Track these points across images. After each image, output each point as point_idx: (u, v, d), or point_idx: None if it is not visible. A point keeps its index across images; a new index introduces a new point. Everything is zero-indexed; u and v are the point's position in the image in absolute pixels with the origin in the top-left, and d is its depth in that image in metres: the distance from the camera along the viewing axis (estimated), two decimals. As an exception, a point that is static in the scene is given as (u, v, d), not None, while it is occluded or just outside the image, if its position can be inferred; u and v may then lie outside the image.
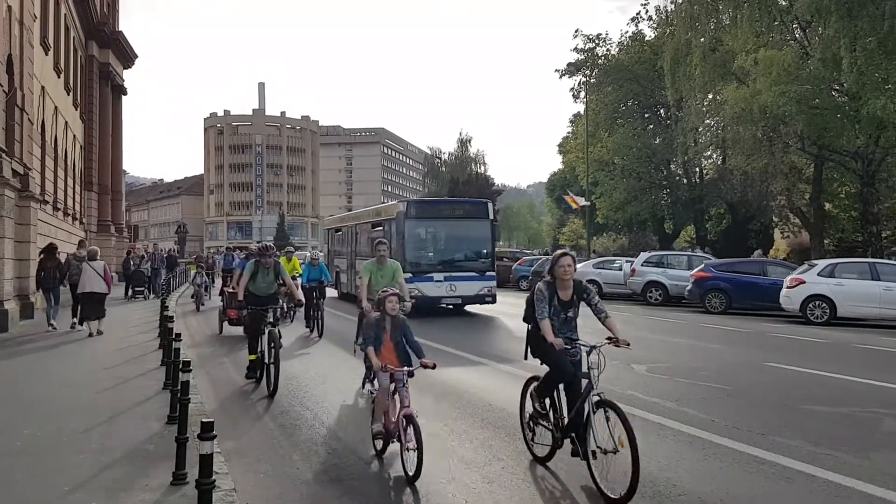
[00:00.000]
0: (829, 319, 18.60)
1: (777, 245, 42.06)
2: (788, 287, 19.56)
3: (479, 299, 20.40)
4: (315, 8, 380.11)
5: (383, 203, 35.06)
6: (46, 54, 25.24)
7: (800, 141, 27.89)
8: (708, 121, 36.63)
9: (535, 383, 6.37)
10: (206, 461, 4.06)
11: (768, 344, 14.87)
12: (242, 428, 7.76)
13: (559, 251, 6.37)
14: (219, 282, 25.23)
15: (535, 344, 6.13)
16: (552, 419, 6.06)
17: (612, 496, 5.21)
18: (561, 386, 6.07)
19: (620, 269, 28.64)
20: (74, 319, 16.14)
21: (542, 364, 6.18)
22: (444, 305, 19.82)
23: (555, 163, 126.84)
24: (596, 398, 5.48)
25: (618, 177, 41.99)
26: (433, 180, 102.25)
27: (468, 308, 20.87)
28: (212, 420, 4.14)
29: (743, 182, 32.59)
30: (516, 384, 7.44)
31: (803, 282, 19.29)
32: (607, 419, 5.36)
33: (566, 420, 5.92)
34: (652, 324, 18.66)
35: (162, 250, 34.27)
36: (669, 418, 7.80)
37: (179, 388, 6.32)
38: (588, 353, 5.71)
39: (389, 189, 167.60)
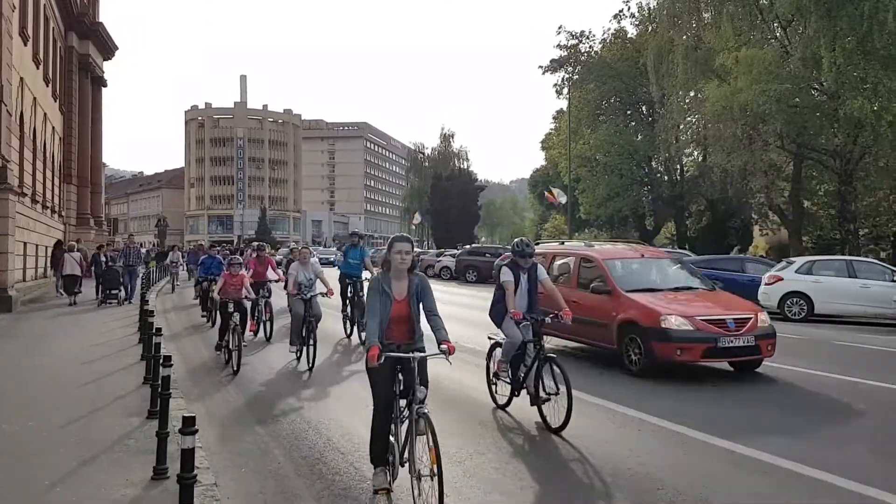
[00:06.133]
0: (806, 316, 18.80)
1: (756, 242, 42.52)
2: (767, 284, 19.75)
3: None
4: (297, 1, 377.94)
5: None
6: (25, 45, 24.94)
7: (779, 139, 28.17)
8: (689, 118, 36.90)
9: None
10: (187, 456, 4.06)
11: (747, 340, 15.02)
12: (223, 422, 7.75)
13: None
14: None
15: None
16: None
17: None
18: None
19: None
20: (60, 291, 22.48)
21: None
22: None
23: (537, 159, 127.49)
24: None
25: (600, 173, 42.22)
26: (416, 175, 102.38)
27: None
28: (193, 415, 4.15)
29: (723, 179, 32.87)
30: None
31: (781, 279, 19.49)
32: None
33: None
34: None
35: (140, 244, 33.19)
36: (649, 413, 7.88)
37: (160, 382, 6.31)
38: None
39: (372, 184, 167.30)
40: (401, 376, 5.29)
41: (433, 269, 40.53)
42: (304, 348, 10.95)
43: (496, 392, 8.23)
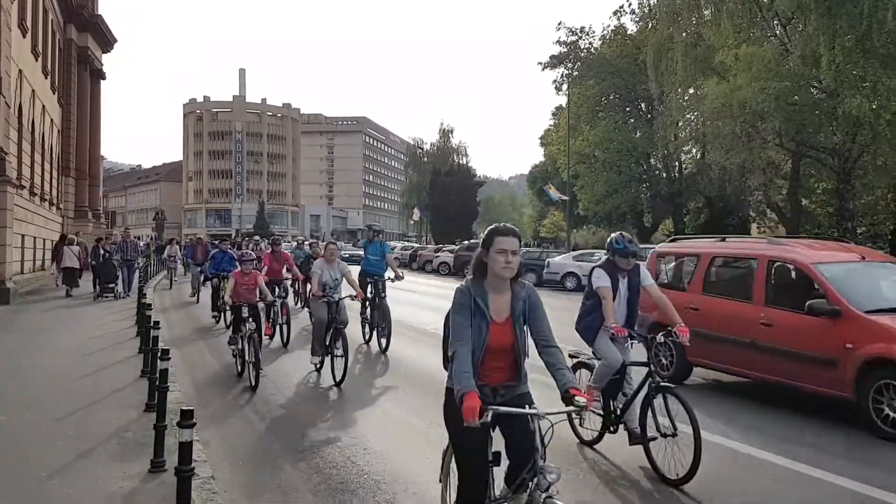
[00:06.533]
0: (804, 313, 18.74)
1: (754, 240, 42.48)
2: (764, 281, 19.71)
3: None
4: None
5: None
6: (24, 37, 24.87)
7: (778, 137, 28.15)
8: (688, 115, 36.84)
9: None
10: (185, 448, 4.07)
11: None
12: (221, 416, 7.76)
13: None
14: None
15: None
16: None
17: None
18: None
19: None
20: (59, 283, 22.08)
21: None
22: None
23: (536, 155, 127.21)
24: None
25: (598, 170, 42.18)
26: (415, 171, 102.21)
27: None
28: (191, 408, 4.15)
29: (721, 177, 32.87)
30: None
31: (779, 276, 19.47)
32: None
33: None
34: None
35: (138, 238, 32.88)
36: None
37: (158, 375, 6.31)
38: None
39: (371, 179, 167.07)
40: (494, 432, 3.65)
41: (431, 264, 40.65)
42: (330, 359, 9.50)
43: (581, 425, 6.49)
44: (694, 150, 41.60)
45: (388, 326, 11.87)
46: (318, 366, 9.86)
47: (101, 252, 21.34)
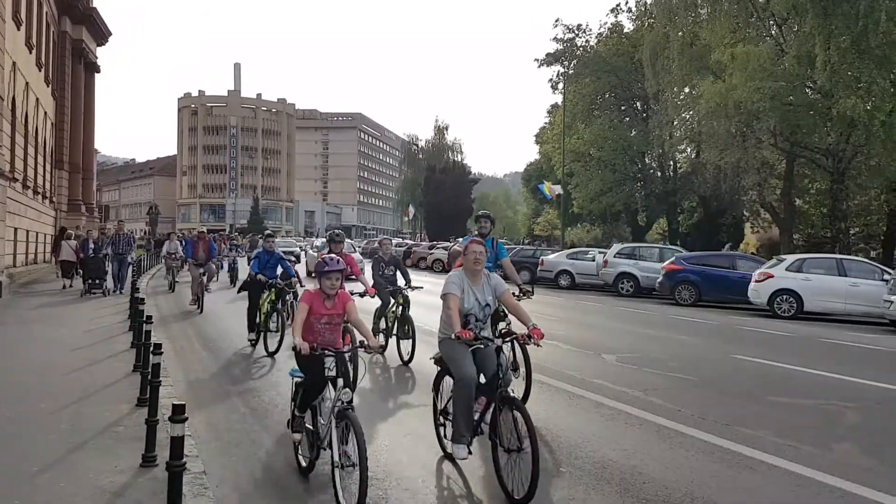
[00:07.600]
0: (795, 314, 18.91)
1: (747, 239, 42.68)
2: (757, 281, 19.86)
3: None
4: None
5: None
6: (18, 29, 24.75)
7: (772, 137, 28.24)
8: (683, 114, 36.96)
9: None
10: (176, 443, 4.06)
11: (736, 336, 15.11)
12: (212, 411, 7.74)
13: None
14: None
15: None
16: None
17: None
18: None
19: (593, 260, 28.90)
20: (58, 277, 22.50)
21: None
22: None
23: (531, 153, 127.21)
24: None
25: (593, 168, 42.25)
26: (410, 168, 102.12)
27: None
28: (183, 403, 4.14)
29: (715, 176, 32.98)
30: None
31: (771, 276, 19.59)
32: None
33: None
34: (622, 315, 18.81)
35: (131, 232, 32.72)
36: (637, 407, 7.90)
37: (150, 370, 6.30)
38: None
39: (366, 175, 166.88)
40: None
41: (426, 261, 40.65)
42: (492, 451, 5.27)
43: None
44: (689, 150, 41.70)
45: (528, 371, 7.93)
46: (463, 457, 5.54)
47: (91, 246, 19.93)
